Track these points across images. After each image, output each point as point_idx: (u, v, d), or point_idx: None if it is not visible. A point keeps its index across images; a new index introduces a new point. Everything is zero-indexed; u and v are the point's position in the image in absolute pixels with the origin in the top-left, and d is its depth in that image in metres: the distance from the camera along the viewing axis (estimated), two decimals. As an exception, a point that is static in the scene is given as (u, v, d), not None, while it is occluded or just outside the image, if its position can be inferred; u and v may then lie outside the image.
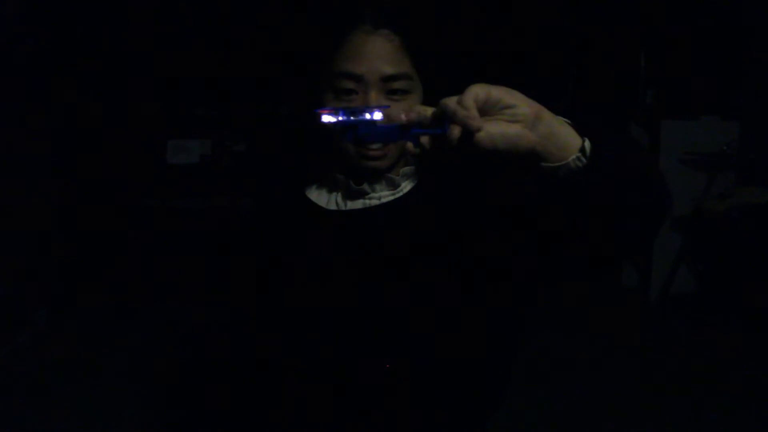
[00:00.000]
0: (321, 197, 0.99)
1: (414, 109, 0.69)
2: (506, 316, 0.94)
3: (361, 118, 0.71)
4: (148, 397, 2.41)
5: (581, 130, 0.70)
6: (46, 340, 2.99)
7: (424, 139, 0.69)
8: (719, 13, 3.54)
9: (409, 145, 0.70)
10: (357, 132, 0.71)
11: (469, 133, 0.65)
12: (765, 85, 3.42)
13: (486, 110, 0.67)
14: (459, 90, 0.68)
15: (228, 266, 1.04)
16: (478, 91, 0.66)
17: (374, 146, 0.89)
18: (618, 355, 2.82)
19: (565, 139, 0.68)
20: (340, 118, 0.70)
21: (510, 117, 0.67)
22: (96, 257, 3.45)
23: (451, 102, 0.66)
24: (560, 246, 0.77)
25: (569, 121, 0.71)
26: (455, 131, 0.66)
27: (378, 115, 0.71)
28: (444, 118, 0.67)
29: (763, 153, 3.28)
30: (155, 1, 3.64)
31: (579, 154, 0.68)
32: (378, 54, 0.89)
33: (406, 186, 0.97)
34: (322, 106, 0.91)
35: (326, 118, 0.70)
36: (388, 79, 0.89)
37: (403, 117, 0.68)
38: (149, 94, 3.63)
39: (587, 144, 0.69)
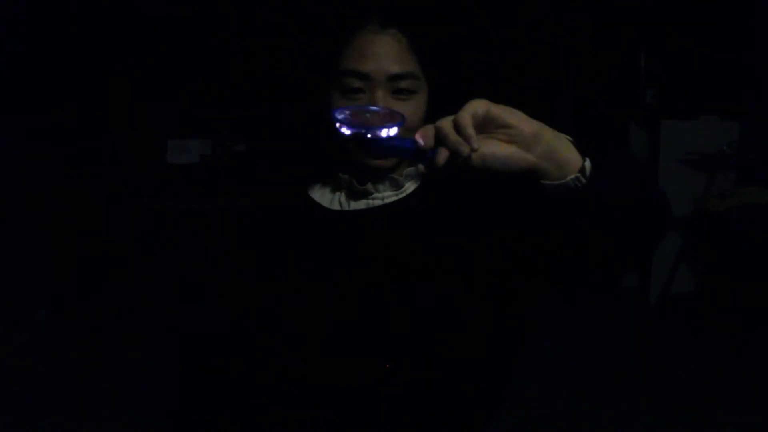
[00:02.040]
0: (324, 197, 0.99)
1: (430, 133, 0.67)
2: (507, 317, 0.94)
3: (377, 133, 0.70)
4: (149, 397, 2.41)
5: (583, 150, 0.70)
6: (46, 340, 2.98)
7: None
8: (719, 13, 3.54)
9: (421, 167, 0.69)
10: (371, 146, 0.70)
11: (459, 155, 0.65)
12: (765, 85, 3.42)
13: (483, 126, 0.67)
14: (463, 91, 0.68)
15: (230, 266, 1.04)
16: (477, 107, 0.66)
17: None
18: (618, 355, 2.82)
19: (565, 159, 0.68)
20: (354, 131, 0.70)
21: (506, 137, 0.67)
22: (96, 257, 3.45)
23: (445, 124, 0.66)
24: (560, 258, 0.78)
25: (572, 140, 0.71)
26: (441, 156, 0.66)
27: (394, 131, 0.71)
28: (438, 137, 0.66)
29: (763, 153, 3.28)
30: (156, 0, 3.64)
31: (578, 174, 0.68)
32: (385, 53, 0.89)
33: (410, 187, 0.97)
34: (328, 105, 0.91)
35: (343, 130, 0.70)
36: (394, 78, 0.89)
37: (421, 141, 0.67)
38: (149, 94, 3.63)
39: (588, 164, 0.69)
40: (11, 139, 2.97)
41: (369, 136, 0.70)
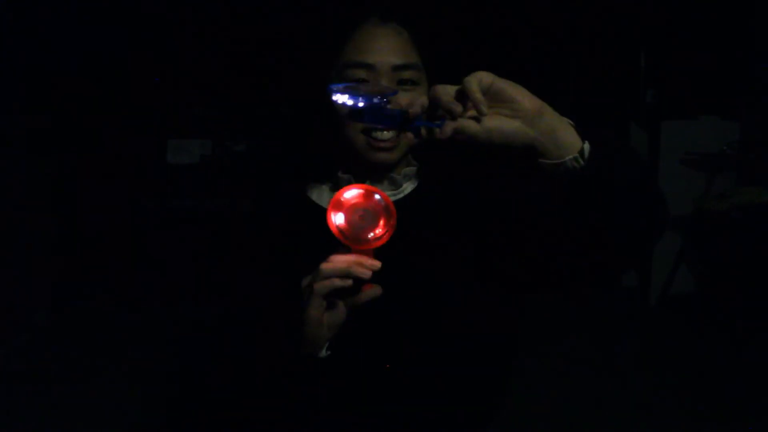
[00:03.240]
0: (322, 197, 0.99)
1: (417, 102, 0.69)
2: (507, 316, 0.94)
3: (368, 102, 0.72)
4: (149, 397, 2.41)
5: (583, 133, 0.70)
6: (46, 340, 2.98)
7: (423, 131, 0.70)
8: (720, 12, 3.54)
9: (409, 135, 0.71)
10: (363, 116, 0.72)
11: (463, 126, 0.67)
12: (765, 85, 3.42)
13: (488, 99, 0.68)
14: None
15: (229, 267, 1.04)
16: (482, 77, 0.67)
17: (385, 137, 0.90)
18: (618, 355, 2.82)
19: (564, 139, 0.69)
20: (349, 100, 0.72)
21: (510, 112, 0.68)
22: (96, 257, 3.45)
23: (439, 89, 0.68)
24: (557, 249, 0.78)
25: (572, 123, 0.71)
26: (448, 128, 0.67)
27: (382, 101, 0.72)
28: (435, 104, 0.68)
29: (763, 153, 3.28)
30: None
31: (577, 155, 0.68)
32: (387, 45, 0.90)
33: (408, 186, 0.97)
34: (329, 99, 0.91)
35: (336, 97, 0.72)
36: (398, 68, 0.90)
37: (408, 108, 0.69)
38: (149, 94, 3.62)
39: (587, 146, 0.69)
40: (11, 139, 2.98)
41: (360, 104, 0.71)
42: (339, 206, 0.79)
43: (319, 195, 0.99)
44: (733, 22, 3.55)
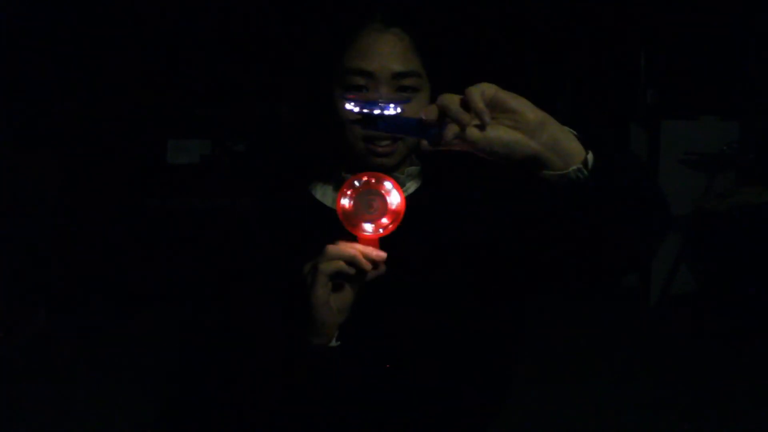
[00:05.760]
0: (326, 196, 0.99)
1: (432, 110, 0.70)
2: (508, 317, 0.94)
3: (383, 110, 0.72)
4: (149, 397, 2.40)
5: (587, 144, 0.70)
6: (46, 340, 2.98)
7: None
8: (720, 12, 3.54)
9: (424, 142, 0.71)
10: (377, 124, 0.72)
11: (465, 132, 0.67)
12: (765, 85, 3.43)
13: (490, 110, 0.68)
14: (465, 89, 0.69)
15: (230, 266, 1.03)
16: (485, 88, 0.67)
17: (383, 143, 0.90)
18: (618, 355, 2.82)
19: (568, 150, 0.69)
20: (364, 110, 0.72)
21: (512, 123, 0.68)
22: (96, 257, 3.45)
23: (447, 98, 0.68)
24: (560, 254, 0.78)
25: (576, 133, 0.71)
26: (450, 132, 0.67)
27: (398, 110, 0.73)
28: (442, 113, 0.68)
29: (763, 153, 3.28)
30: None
31: (581, 166, 0.69)
32: (389, 52, 0.89)
33: (411, 186, 0.97)
34: (331, 103, 0.91)
35: (350, 106, 0.72)
36: (398, 76, 0.89)
37: (423, 116, 0.69)
38: (149, 94, 3.62)
39: (590, 157, 0.69)
40: (11, 139, 2.98)
41: (375, 112, 0.72)
42: (351, 187, 0.80)
43: (323, 193, 0.99)
44: (732, 22, 3.55)
